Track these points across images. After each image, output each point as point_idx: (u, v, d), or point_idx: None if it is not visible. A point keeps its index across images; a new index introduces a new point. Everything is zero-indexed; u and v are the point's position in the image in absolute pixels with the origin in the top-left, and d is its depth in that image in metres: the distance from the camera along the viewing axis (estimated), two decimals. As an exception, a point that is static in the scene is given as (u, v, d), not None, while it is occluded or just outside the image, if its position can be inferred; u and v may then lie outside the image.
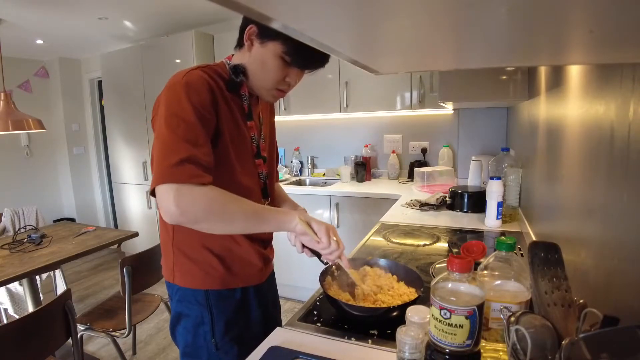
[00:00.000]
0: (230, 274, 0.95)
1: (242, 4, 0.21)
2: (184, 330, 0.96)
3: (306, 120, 3.20)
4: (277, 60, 0.87)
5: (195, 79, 0.84)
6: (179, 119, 0.79)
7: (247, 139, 0.96)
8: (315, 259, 0.96)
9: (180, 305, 0.96)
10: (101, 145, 4.56)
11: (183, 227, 0.90)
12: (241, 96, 0.94)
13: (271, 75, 0.89)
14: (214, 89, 0.86)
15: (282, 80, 0.91)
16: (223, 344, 0.95)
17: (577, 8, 0.26)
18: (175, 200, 0.76)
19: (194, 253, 0.94)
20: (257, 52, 0.89)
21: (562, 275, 0.56)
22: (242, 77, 0.92)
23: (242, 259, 0.97)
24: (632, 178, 0.52)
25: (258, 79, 0.92)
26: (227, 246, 0.95)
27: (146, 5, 2.80)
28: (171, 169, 0.76)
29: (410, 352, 0.58)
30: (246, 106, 0.95)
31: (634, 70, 0.52)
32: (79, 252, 1.94)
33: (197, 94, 0.82)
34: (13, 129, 2.25)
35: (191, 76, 0.84)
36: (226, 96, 0.90)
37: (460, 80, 1.81)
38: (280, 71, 0.89)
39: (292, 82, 0.92)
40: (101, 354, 2.32)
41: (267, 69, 0.89)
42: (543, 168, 1.21)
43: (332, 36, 0.34)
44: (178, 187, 0.76)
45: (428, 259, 1.24)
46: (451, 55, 0.48)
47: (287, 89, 0.94)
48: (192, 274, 0.94)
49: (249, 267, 0.98)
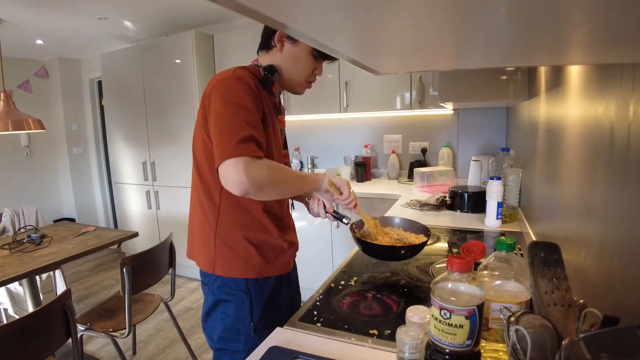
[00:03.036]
0: (267, 264, 1.06)
1: (243, 4, 0.21)
2: (223, 315, 1.05)
3: (306, 120, 3.20)
4: (308, 56, 1.04)
5: (244, 75, 0.96)
6: (237, 105, 0.91)
7: (278, 131, 1.09)
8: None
9: (221, 291, 1.05)
10: (101, 146, 4.56)
11: (227, 220, 1.03)
12: (273, 93, 1.07)
13: (305, 70, 1.06)
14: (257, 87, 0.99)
15: (311, 73, 1.09)
16: (260, 326, 1.04)
17: (577, 8, 0.26)
18: (245, 172, 0.86)
19: (235, 244, 1.03)
20: (289, 51, 1.04)
21: (562, 276, 0.56)
22: (275, 75, 1.05)
23: (275, 249, 1.07)
24: (632, 178, 0.52)
25: (293, 75, 1.07)
26: (262, 237, 1.05)
27: (146, 5, 2.80)
28: (237, 146, 0.87)
29: (410, 352, 0.58)
30: (277, 101, 1.09)
31: (634, 70, 0.52)
32: (79, 252, 1.94)
33: (249, 86, 0.94)
34: (13, 129, 2.25)
35: (239, 72, 0.96)
36: (264, 94, 1.02)
37: (460, 80, 1.80)
38: (311, 65, 1.07)
39: (319, 74, 1.12)
40: (101, 354, 2.32)
41: (301, 64, 1.05)
42: (543, 168, 1.21)
43: (332, 36, 0.34)
44: (245, 160, 0.86)
45: (428, 259, 1.24)
46: (451, 55, 0.48)
47: (314, 80, 1.12)
48: (233, 264, 1.03)
49: (280, 256, 1.08)
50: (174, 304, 2.89)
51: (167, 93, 3.21)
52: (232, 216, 1.03)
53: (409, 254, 1.11)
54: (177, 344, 2.37)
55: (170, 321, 2.15)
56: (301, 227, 2.68)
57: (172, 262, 2.07)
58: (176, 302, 2.94)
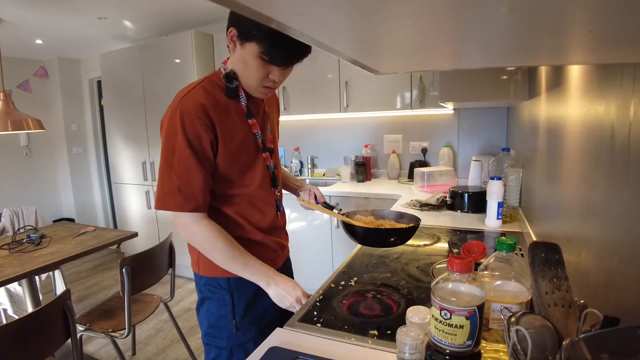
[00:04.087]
0: None
1: (242, 4, 0.21)
2: (208, 312, 1.07)
3: (306, 120, 3.19)
4: (256, 60, 0.90)
5: (189, 107, 0.91)
6: (173, 152, 0.91)
7: (251, 137, 1.02)
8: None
9: (205, 289, 1.07)
10: (100, 145, 4.55)
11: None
12: (239, 98, 1.00)
13: (254, 74, 0.93)
14: (209, 110, 0.93)
15: (265, 77, 0.94)
16: (242, 325, 1.04)
17: (577, 8, 0.26)
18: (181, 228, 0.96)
19: None
20: (239, 54, 0.93)
21: (562, 276, 0.56)
22: (236, 82, 0.98)
23: (259, 249, 1.05)
24: (633, 178, 0.52)
25: (244, 79, 0.97)
26: (245, 237, 1.04)
27: (146, 5, 2.80)
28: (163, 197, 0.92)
29: (411, 353, 0.58)
30: (244, 107, 1.01)
31: (634, 70, 0.51)
32: (78, 253, 1.93)
33: (192, 124, 0.90)
34: (12, 129, 2.25)
35: (185, 104, 0.91)
36: (225, 106, 0.97)
37: (460, 80, 1.80)
38: (262, 69, 0.92)
39: (276, 79, 0.95)
40: (100, 355, 2.32)
41: (249, 68, 0.93)
42: (543, 168, 1.21)
43: (332, 36, 0.33)
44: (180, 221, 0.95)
45: (428, 259, 1.24)
46: (451, 55, 0.48)
47: (273, 85, 0.97)
48: (215, 265, 1.01)
49: (265, 255, 1.06)
50: (174, 304, 2.89)
51: (166, 93, 3.21)
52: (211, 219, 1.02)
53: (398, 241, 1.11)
54: (177, 344, 2.36)
55: (170, 321, 2.15)
56: (301, 227, 2.68)
57: (171, 263, 2.07)
58: (176, 302, 2.94)
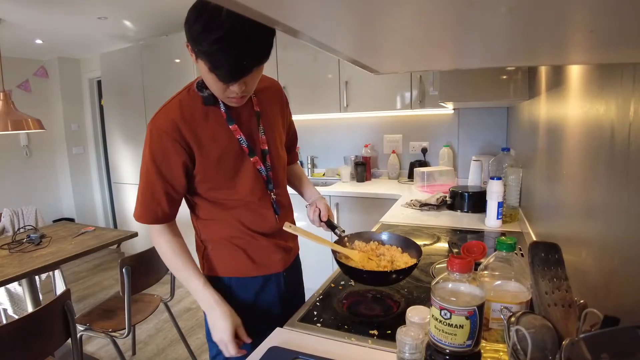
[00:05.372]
0: (253, 264, 1.05)
1: (242, 4, 0.21)
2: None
3: (306, 120, 3.19)
4: (210, 75, 0.86)
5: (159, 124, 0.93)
6: (143, 170, 0.97)
7: (234, 143, 0.98)
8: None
9: None
10: (100, 145, 4.55)
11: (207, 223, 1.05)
12: (219, 105, 0.97)
13: (213, 87, 0.90)
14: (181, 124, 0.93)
15: (226, 89, 0.88)
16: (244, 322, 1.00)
17: (578, 8, 0.26)
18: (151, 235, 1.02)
19: (218, 246, 1.05)
20: (198, 67, 0.89)
21: (562, 276, 0.56)
22: (207, 91, 0.95)
23: (263, 251, 1.05)
24: (633, 178, 0.52)
25: (211, 89, 0.93)
26: (248, 240, 1.04)
27: (146, 5, 2.80)
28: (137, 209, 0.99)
29: (411, 353, 0.58)
30: (224, 113, 0.98)
31: (634, 70, 0.51)
32: (78, 252, 1.93)
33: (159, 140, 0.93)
34: (12, 128, 2.25)
35: (157, 121, 0.94)
36: (204, 115, 0.96)
37: (460, 80, 1.80)
38: (218, 83, 0.87)
39: (238, 91, 0.88)
40: (100, 355, 2.32)
41: (208, 82, 0.90)
42: (543, 168, 1.21)
43: (332, 36, 0.33)
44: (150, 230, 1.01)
45: (428, 259, 1.24)
46: (451, 55, 0.48)
47: (238, 96, 0.90)
48: (217, 265, 1.04)
49: (267, 258, 1.06)
50: (174, 304, 2.89)
51: (166, 93, 3.19)
52: (213, 227, 1.04)
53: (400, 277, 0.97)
54: (177, 344, 2.36)
55: (170, 321, 2.15)
56: (301, 227, 2.67)
57: (171, 262, 2.06)
58: (176, 302, 2.94)
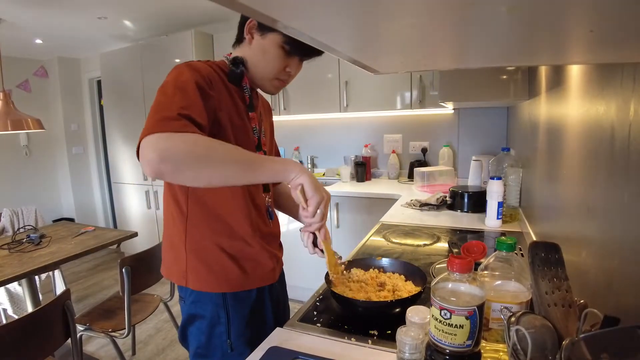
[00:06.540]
0: (245, 276, 0.95)
1: (243, 4, 0.21)
2: (198, 332, 0.95)
3: (306, 120, 3.19)
4: (277, 50, 0.91)
5: (197, 64, 0.86)
6: (176, 88, 0.78)
7: (249, 130, 0.96)
8: (318, 260, 0.96)
9: (195, 306, 0.94)
10: (100, 145, 4.55)
11: (197, 229, 0.91)
12: (243, 88, 0.96)
13: (272, 64, 0.93)
14: (215, 78, 0.88)
15: (282, 70, 0.94)
16: (238, 344, 0.94)
17: (578, 7, 0.26)
18: (154, 145, 0.68)
19: (207, 255, 0.92)
20: (258, 44, 0.93)
21: (562, 276, 0.56)
22: (242, 67, 0.94)
23: (254, 260, 0.97)
24: (633, 178, 0.52)
25: (260, 69, 0.95)
26: (239, 247, 0.94)
27: (146, 5, 2.80)
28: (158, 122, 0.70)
29: (411, 353, 0.57)
30: (247, 97, 0.97)
31: (634, 70, 0.51)
32: (78, 252, 1.93)
33: (199, 72, 0.83)
34: (12, 128, 2.25)
35: (193, 62, 0.87)
36: (228, 87, 0.92)
37: (460, 79, 1.80)
38: (281, 60, 0.92)
39: (293, 72, 0.96)
40: (100, 355, 2.32)
41: (269, 58, 0.92)
42: (543, 168, 1.21)
43: (332, 35, 0.33)
44: (160, 134, 0.69)
45: (428, 259, 1.24)
46: (451, 55, 0.48)
47: (288, 79, 0.98)
48: (208, 278, 0.92)
49: (260, 267, 0.98)
50: (174, 304, 2.89)
51: (166, 93, 3.21)
52: (201, 224, 0.92)
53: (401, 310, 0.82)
54: (177, 344, 2.36)
55: (170, 321, 2.15)
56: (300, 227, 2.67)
57: (171, 262, 2.06)
58: (176, 302, 2.92)
